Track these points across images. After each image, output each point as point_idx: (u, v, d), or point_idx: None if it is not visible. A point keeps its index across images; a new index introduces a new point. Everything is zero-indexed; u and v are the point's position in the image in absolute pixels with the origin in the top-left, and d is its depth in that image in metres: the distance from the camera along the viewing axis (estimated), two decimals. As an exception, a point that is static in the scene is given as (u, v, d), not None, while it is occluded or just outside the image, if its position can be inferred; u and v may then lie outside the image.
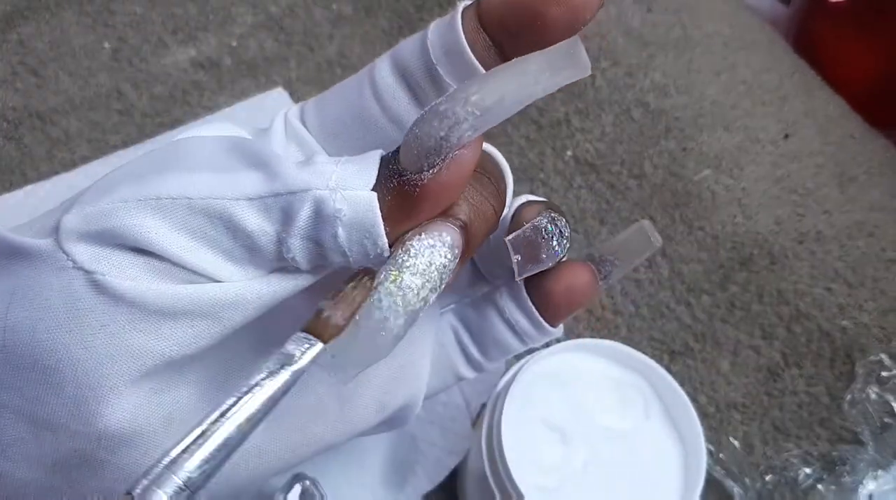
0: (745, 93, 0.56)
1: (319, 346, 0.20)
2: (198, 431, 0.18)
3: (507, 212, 0.26)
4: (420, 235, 0.20)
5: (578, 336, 0.45)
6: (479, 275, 0.29)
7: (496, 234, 0.26)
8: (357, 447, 0.41)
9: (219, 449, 0.18)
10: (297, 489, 0.33)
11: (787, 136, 0.55)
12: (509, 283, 0.27)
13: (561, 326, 0.28)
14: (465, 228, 0.20)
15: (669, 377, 0.37)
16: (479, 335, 0.28)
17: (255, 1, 0.59)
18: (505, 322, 0.27)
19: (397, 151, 0.20)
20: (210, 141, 0.22)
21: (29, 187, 0.50)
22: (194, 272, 0.20)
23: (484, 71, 0.21)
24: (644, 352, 0.38)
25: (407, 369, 0.27)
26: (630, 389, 0.38)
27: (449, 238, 0.20)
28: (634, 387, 0.38)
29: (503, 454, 0.35)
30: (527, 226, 0.24)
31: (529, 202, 0.26)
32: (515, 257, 0.24)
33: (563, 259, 0.25)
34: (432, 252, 0.19)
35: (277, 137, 0.24)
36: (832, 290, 0.49)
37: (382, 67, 0.23)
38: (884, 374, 0.45)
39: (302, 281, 0.21)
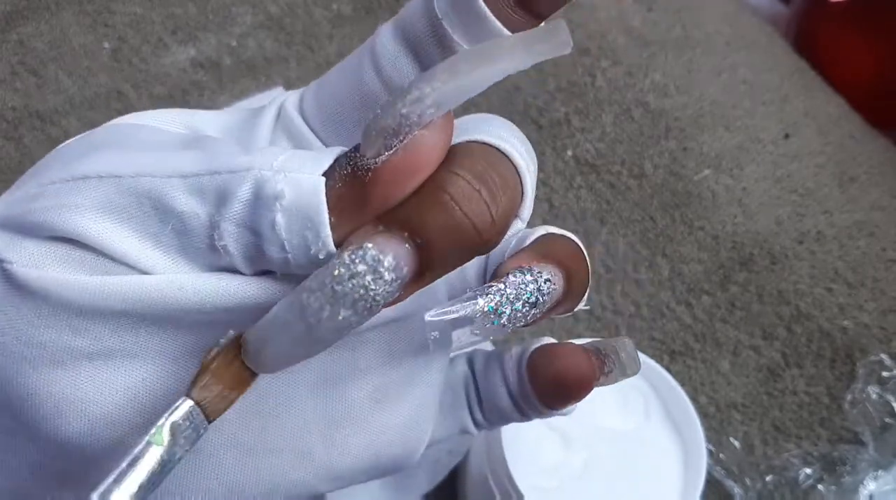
0: (745, 93, 0.56)
1: (189, 403, 0.18)
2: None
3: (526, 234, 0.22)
4: (353, 245, 0.17)
5: (578, 336, 0.45)
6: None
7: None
8: None
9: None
10: None
11: (787, 136, 0.55)
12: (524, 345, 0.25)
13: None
14: (420, 248, 0.17)
15: (669, 377, 0.37)
16: (485, 392, 0.26)
17: (255, 1, 0.59)
18: (505, 386, 0.25)
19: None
20: (151, 128, 0.21)
21: (29, 187, 0.50)
22: (116, 261, 0.18)
23: (497, 22, 0.19)
24: (644, 352, 0.38)
25: (411, 419, 0.24)
26: (630, 389, 0.38)
27: (389, 258, 0.16)
28: (634, 387, 0.38)
29: (503, 455, 0.34)
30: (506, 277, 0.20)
31: (547, 238, 0.22)
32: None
33: (516, 326, 0.21)
34: (358, 275, 0.16)
35: (262, 129, 0.22)
36: (832, 290, 0.49)
37: (384, 33, 0.21)
38: (884, 374, 0.45)
39: (239, 288, 0.18)
